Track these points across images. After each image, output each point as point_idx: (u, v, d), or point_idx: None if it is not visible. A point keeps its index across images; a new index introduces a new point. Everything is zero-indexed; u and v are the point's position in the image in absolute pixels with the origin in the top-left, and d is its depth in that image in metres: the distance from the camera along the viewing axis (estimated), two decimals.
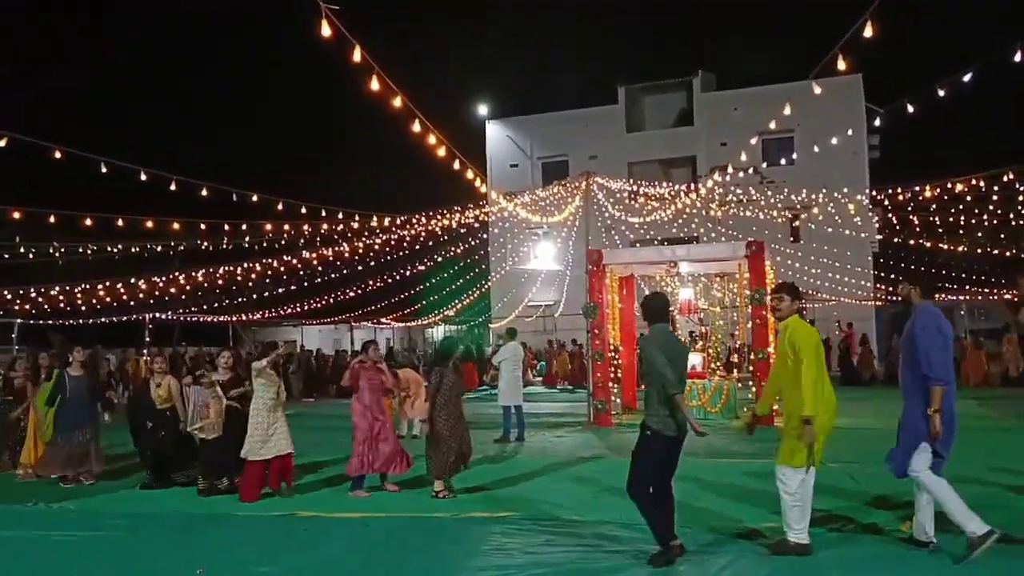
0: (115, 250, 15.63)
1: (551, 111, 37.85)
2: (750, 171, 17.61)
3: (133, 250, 15.94)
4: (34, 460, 10.54)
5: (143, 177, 9.88)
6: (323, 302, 28.73)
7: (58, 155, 8.87)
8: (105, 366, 20.82)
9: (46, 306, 20.64)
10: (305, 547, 7.05)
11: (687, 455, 11.45)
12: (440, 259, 25.14)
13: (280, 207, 12.29)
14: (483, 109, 38.86)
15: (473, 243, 25.49)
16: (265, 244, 16.24)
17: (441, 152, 9.60)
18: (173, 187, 10.50)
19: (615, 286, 17.17)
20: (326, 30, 6.46)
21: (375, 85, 7.87)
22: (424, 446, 9.01)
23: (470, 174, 11.04)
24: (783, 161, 26.75)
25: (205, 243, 15.65)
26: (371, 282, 26.44)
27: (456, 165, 10.52)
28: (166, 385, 9.93)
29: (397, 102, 8.31)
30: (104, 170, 9.37)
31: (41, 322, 25.29)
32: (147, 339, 29.01)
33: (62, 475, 10.06)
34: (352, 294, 27.67)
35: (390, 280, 26.49)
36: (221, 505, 8.78)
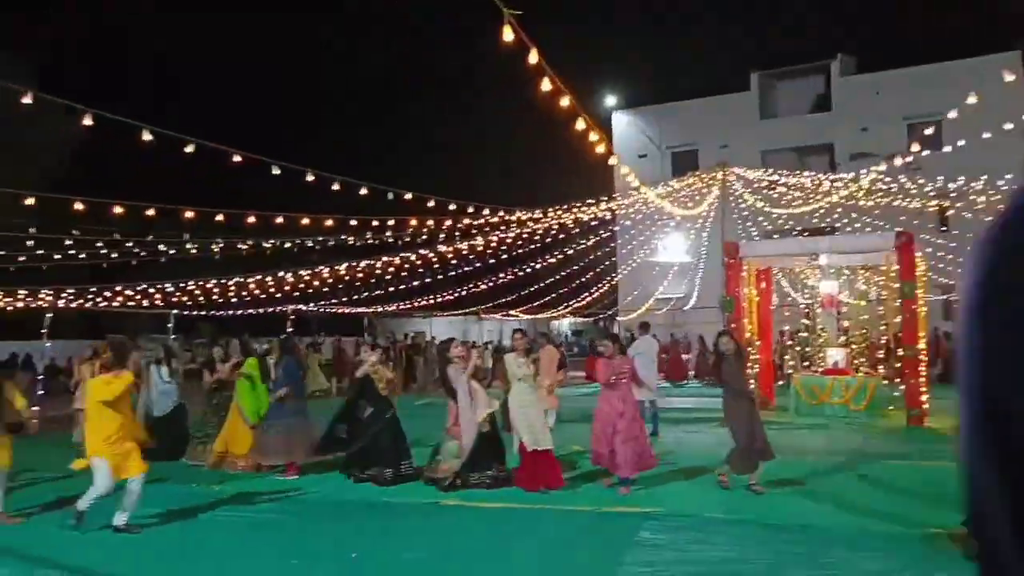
0: (269, 245, 16.43)
1: (680, 100, 37.15)
2: (899, 160, 16.66)
3: (286, 245, 16.72)
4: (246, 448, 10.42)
5: (310, 178, 10.31)
6: (454, 294, 29.23)
7: (238, 158, 9.34)
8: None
9: (201, 298, 21.88)
10: (449, 536, 7.19)
11: (832, 455, 11.13)
12: (570, 252, 25.16)
13: (431, 204, 12.58)
14: (610, 99, 38.54)
15: (603, 235, 25.34)
16: (409, 239, 16.69)
17: (600, 149, 9.54)
18: (336, 187, 10.91)
19: (752, 279, 16.70)
20: (508, 35, 6.56)
21: (538, 84, 7.90)
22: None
23: (625, 169, 11.00)
24: (931, 146, 25.24)
25: (352, 238, 16.25)
26: (502, 275, 26.75)
27: (613, 160, 10.49)
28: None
29: (564, 101, 8.32)
30: (276, 172, 9.80)
31: (194, 313, 26.86)
32: (289, 330, 30.35)
33: (275, 464, 10.11)
34: (483, 287, 28.06)
35: (520, 273, 26.71)
36: (367, 492, 9.05)
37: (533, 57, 7.24)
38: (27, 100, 6.56)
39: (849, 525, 7.09)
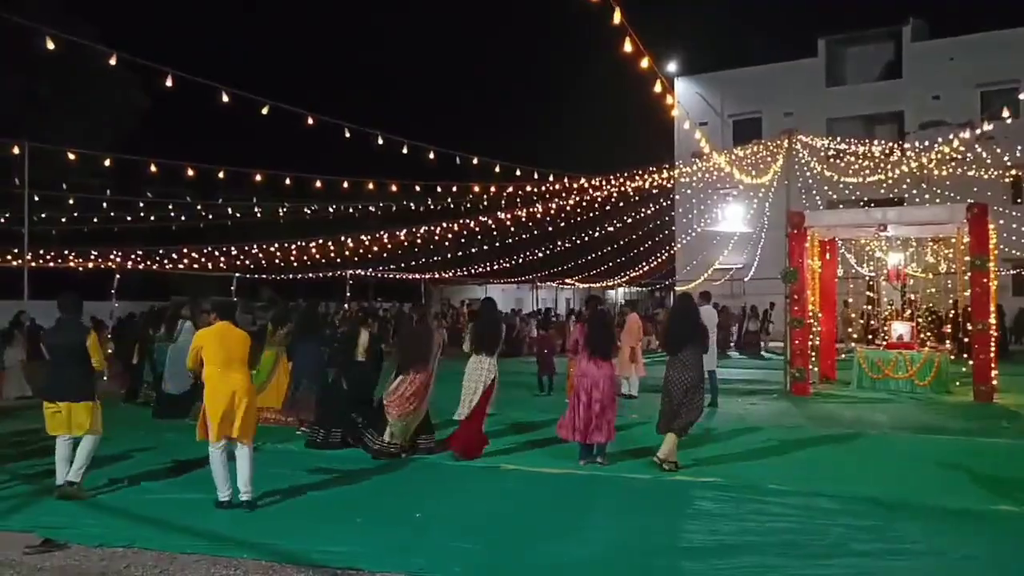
0: (332, 209, 16.62)
1: (744, 66, 36.34)
2: (979, 131, 16.07)
3: (351, 210, 16.90)
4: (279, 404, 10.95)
5: (380, 141, 10.38)
6: (511, 261, 29.27)
7: (310, 121, 9.46)
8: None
9: (263, 261, 22.29)
10: (511, 499, 7.28)
11: (897, 429, 10.95)
12: (629, 220, 24.95)
13: (497, 169, 12.60)
14: (672, 66, 37.84)
15: (665, 203, 25.04)
16: (468, 205, 16.72)
17: (675, 113, 9.43)
18: (405, 151, 10.97)
19: (815, 250, 16.38)
20: None
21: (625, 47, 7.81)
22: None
23: (698, 134, 10.85)
24: (1005, 115, 24.33)
25: (413, 204, 16.36)
26: (559, 243, 26.67)
27: (687, 125, 10.37)
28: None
29: (644, 63, 8.25)
30: (347, 135, 9.90)
31: (256, 276, 27.39)
32: (347, 294, 30.82)
33: (303, 421, 10.33)
34: (541, 254, 28.04)
35: (578, 241, 26.62)
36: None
37: (616, 17, 7.18)
38: (112, 62, 6.74)
39: (916, 500, 6.98)
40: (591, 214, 22.25)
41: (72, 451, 7.22)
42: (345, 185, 12.99)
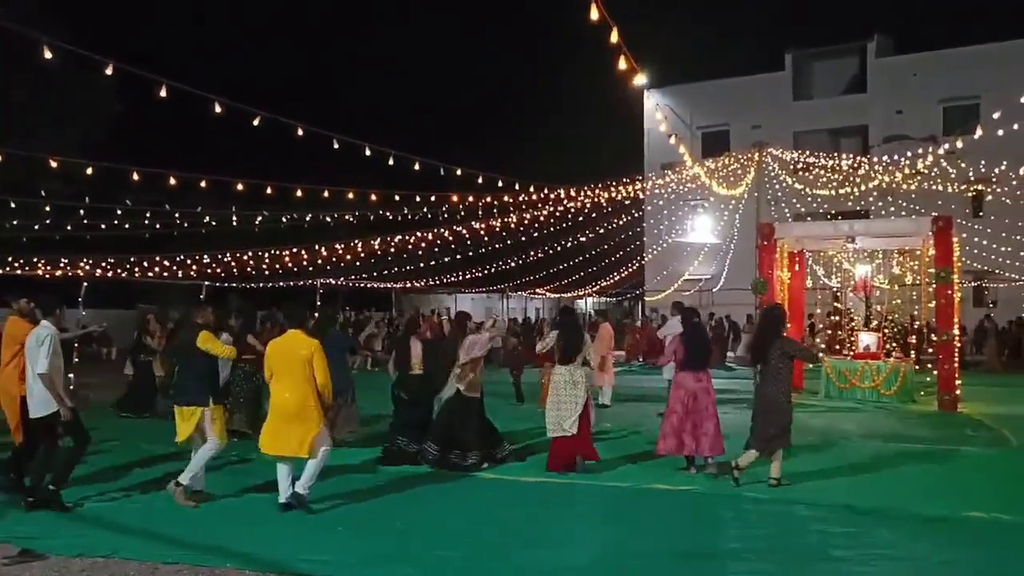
0: (307, 218, 16.51)
1: (712, 79, 36.79)
2: (946, 145, 16.50)
3: (327, 219, 16.82)
4: None
5: (368, 152, 10.38)
6: (482, 271, 29.31)
7: (300, 132, 9.45)
8: None
9: (235, 269, 22.04)
10: (489, 508, 7.31)
11: (867, 438, 11.15)
12: (601, 231, 25.15)
13: (480, 180, 12.63)
14: (642, 78, 38.09)
15: (637, 214, 25.25)
16: (446, 215, 16.74)
17: (663, 128, 9.56)
18: (391, 162, 10.96)
19: (784, 261, 16.64)
20: (594, 14, 6.70)
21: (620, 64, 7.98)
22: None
23: (682, 148, 11.02)
24: (966, 130, 24.95)
25: (390, 213, 16.32)
26: (531, 253, 26.79)
27: (673, 139, 10.54)
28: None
29: (638, 79, 8.40)
30: (336, 145, 9.89)
31: (225, 284, 27.11)
32: (318, 303, 30.58)
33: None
34: (512, 264, 28.13)
35: (550, 251, 26.75)
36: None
37: (614, 37, 7.34)
38: (108, 71, 6.70)
39: (890, 507, 7.13)
40: (563, 225, 22.42)
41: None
42: (326, 194, 12.96)
